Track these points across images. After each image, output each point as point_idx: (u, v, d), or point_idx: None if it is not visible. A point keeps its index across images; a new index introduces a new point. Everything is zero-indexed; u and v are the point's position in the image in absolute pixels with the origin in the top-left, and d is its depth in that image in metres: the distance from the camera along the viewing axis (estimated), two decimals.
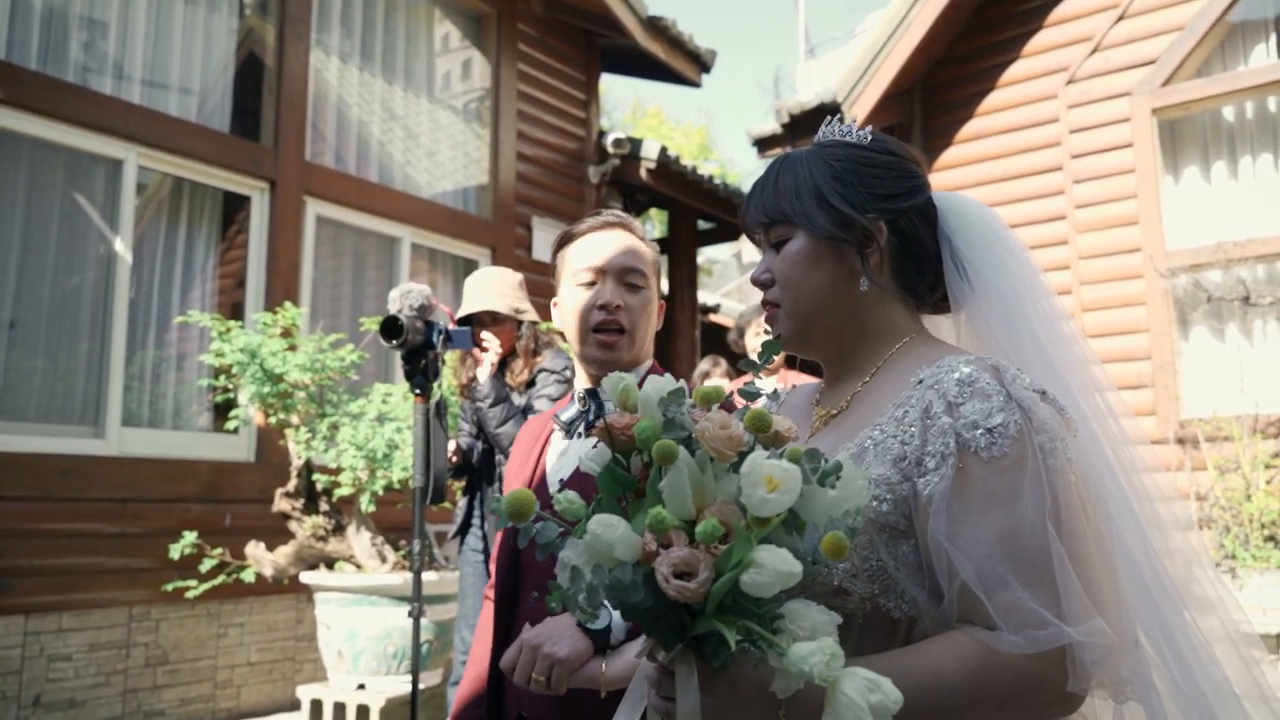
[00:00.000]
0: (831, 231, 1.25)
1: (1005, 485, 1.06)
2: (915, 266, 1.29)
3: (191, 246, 5.66)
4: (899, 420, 1.15)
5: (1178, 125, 6.27)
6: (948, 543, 1.06)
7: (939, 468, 1.09)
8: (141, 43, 5.45)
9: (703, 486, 1.04)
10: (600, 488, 1.08)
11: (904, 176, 1.29)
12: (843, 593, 1.11)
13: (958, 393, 1.11)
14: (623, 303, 1.79)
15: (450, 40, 7.46)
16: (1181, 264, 5.84)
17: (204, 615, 5.22)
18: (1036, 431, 1.08)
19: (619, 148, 7.88)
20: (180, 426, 5.52)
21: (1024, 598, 1.01)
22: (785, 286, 1.29)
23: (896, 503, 1.11)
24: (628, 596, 0.99)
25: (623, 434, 1.08)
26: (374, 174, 6.68)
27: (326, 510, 4.82)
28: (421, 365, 3.08)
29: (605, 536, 1.00)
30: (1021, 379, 1.12)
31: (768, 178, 1.33)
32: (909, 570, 1.12)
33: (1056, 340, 1.27)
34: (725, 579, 0.97)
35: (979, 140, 6.81)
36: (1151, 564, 1.19)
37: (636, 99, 29.21)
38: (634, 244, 1.85)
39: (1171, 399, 5.75)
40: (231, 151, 5.63)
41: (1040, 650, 0.99)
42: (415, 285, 3.21)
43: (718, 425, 1.03)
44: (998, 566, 1.03)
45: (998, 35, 6.81)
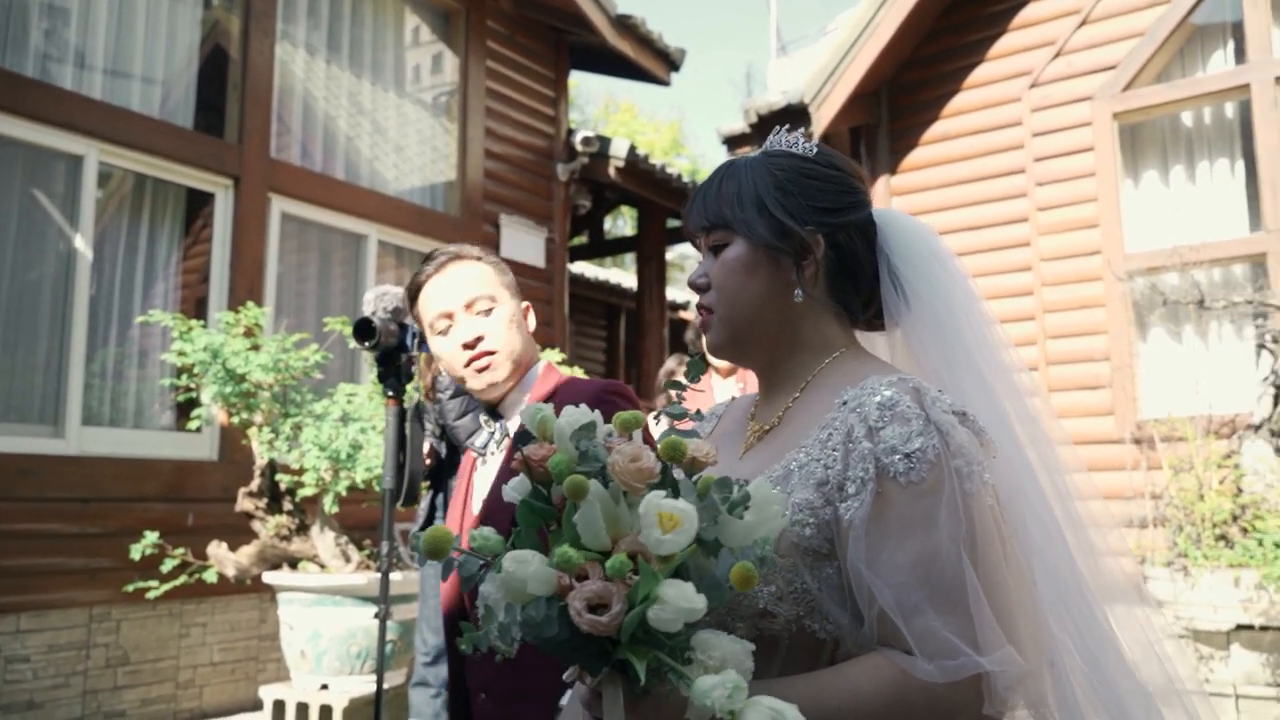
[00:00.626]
0: (769, 240, 1.26)
1: (922, 511, 1.07)
2: (851, 282, 1.30)
3: (154, 244, 5.60)
4: (823, 443, 1.16)
5: (1138, 130, 6.37)
6: (866, 569, 1.07)
7: (859, 493, 1.10)
8: (103, 36, 5.38)
9: (616, 517, 1.04)
10: (519, 520, 1.08)
11: (845, 191, 1.30)
12: (768, 615, 1.13)
13: (878, 416, 1.12)
14: (482, 332, 1.85)
15: (419, 36, 7.43)
16: (1140, 267, 5.94)
17: (166, 615, 5.18)
18: (954, 456, 1.09)
19: (588, 146, 7.88)
20: (142, 425, 5.48)
21: (938, 626, 1.02)
22: (721, 292, 1.30)
23: (820, 527, 1.12)
24: (542, 632, 1.00)
25: (539, 465, 1.08)
26: (340, 171, 6.64)
27: (290, 510, 4.80)
28: (395, 368, 3.08)
29: (519, 573, 1.00)
30: (941, 401, 1.14)
31: (711, 182, 1.34)
32: (832, 593, 1.13)
33: (993, 364, 1.29)
34: (633, 614, 0.97)
35: (945, 142, 6.88)
36: (1080, 587, 1.21)
37: (609, 94, 29.19)
38: (469, 271, 1.90)
39: (1129, 400, 5.85)
40: (195, 147, 5.58)
41: (952, 679, 1.01)
42: (391, 287, 3.21)
43: (627, 458, 1.03)
44: (913, 594, 1.04)
45: (963, 38, 6.88)
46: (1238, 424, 5.32)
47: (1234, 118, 6.12)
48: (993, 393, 1.26)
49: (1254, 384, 5.33)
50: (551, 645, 1.01)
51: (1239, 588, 4.56)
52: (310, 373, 4.65)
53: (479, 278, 1.89)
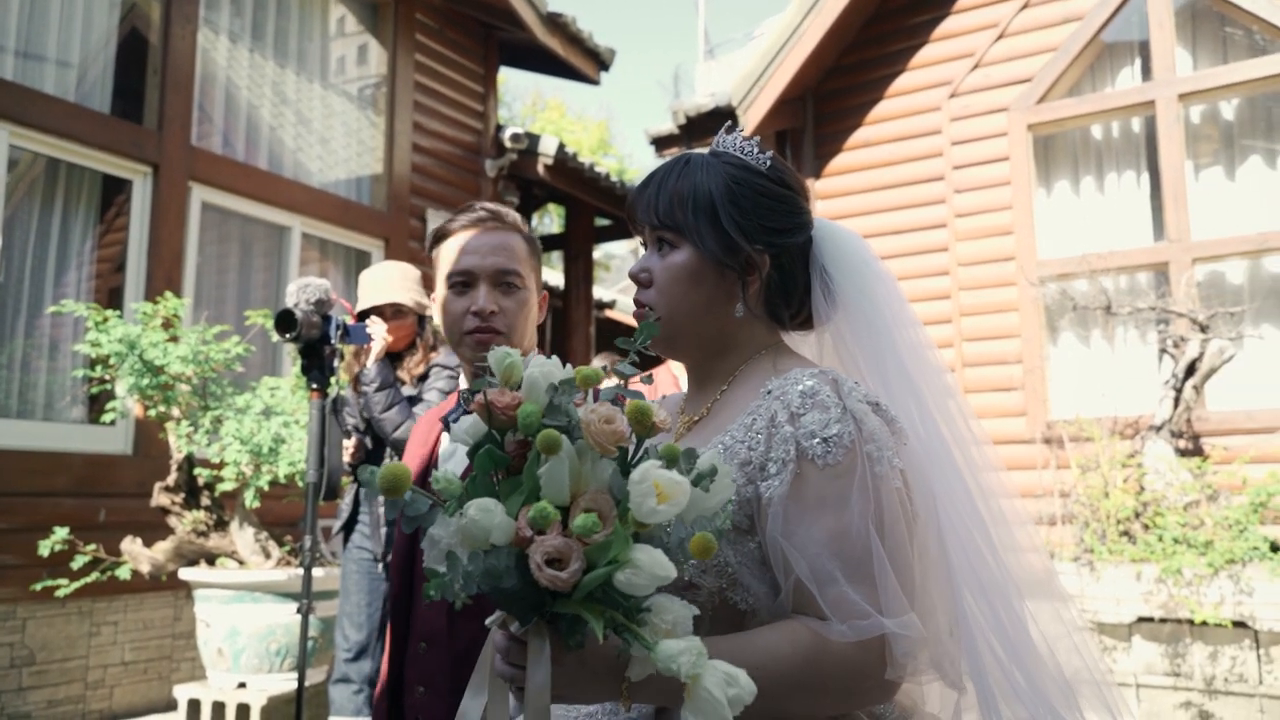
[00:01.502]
0: (719, 254, 1.31)
1: (836, 491, 1.16)
2: (784, 297, 1.37)
3: (67, 231, 5.43)
4: (748, 427, 1.23)
5: (1051, 141, 6.60)
6: (784, 541, 1.15)
7: (779, 473, 1.18)
8: (15, 16, 5.20)
9: (579, 473, 1.07)
10: (476, 466, 1.09)
11: (794, 213, 1.36)
12: (692, 587, 1.19)
13: (799, 404, 1.20)
14: (498, 307, 1.76)
15: (346, 27, 7.33)
16: (1051, 273, 6.16)
17: (75, 614, 5.03)
18: (866, 441, 1.18)
19: (517, 142, 7.87)
20: (52, 418, 5.30)
21: (849, 592, 1.11)
22: (663, 295, 1.34)
23: (741, 504, 1.20)
24: (500, 582, 1.02)
25: (503, 413, 1.08)
26: (264, 160, 6.51)
27: (208, 505, 4.70)
28: (318, 360, 3.05)
29: (483, 522, 1.01)
30: (857, 391, 1.22)
31: (665, 177, 1.36)
32: (752, 566, 1.20)
33: (920, 364, 1.36)
34: (599, 574, 1.00)
35: (867, 148, 7.03)
36: (997, 572, 1.28)
37: (537, 91, 29.08)
38: (509, 242, 1.81)
39: (1040, 401, 6.06)
40: (111, 133, 5.42)
41: (862, 638, 1.09)
42: (314, 279, 3.17)
43: (602, 419, 1.05)
44: (828, 564, 1.13)
45: (886, 48, 7.04)
46: (1141, 425, 5.55)
47: (1140, 132, 6.38)
48: (918, 390, 1.34)
49: (1156, 386, 5.57)
50: (498, 593, 1.02)
51: (1140, 581, 4.77)
52: (231, 365, 4.56)
53: (516, 252, 1.80)
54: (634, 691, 1.08)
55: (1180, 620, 4.73)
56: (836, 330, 1.39)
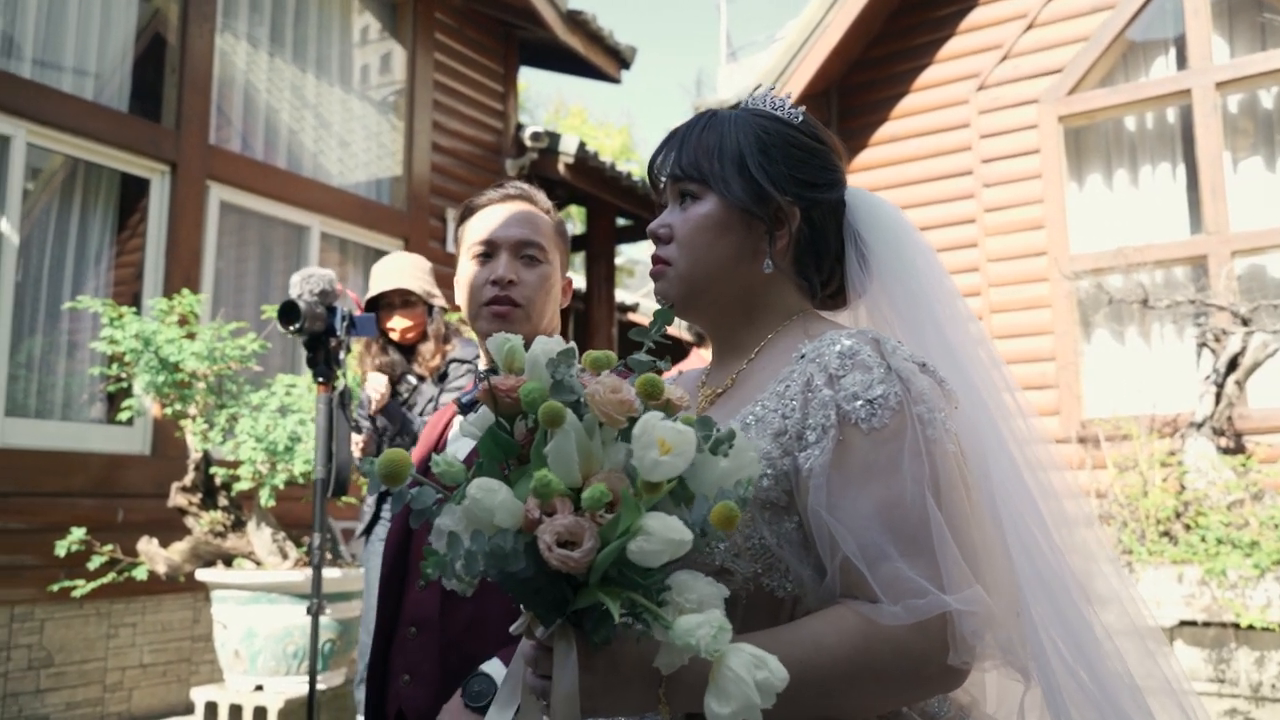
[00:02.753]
0: (746, 203, 1.22)
1: (885, 456, 1.05)
2: (815, 259, 1.28)
3: (86, 230, 5.40)
4: (780, 395, 1.13)
5: (1082, 133, 6.45)
6: (828, 515, 1.04)
7: (819, 440, 1.07)
8: (34, 15, 5.18)
9: (590, 453, 1.00)
10: (481, 452, 1.02)
11: (827, 167, 1.28)
12: (725, 573, 1.08)
13: (839, 365, 1.10)
14: (517, 277, 1.71)
15: (365, 28, 7.29)
16: (1084, 268, 6.01)
17: (93, 615, 4.98)
18: (915, 402, 1.07)
19: (537, 141, 7.80)
20: (70, 417, 5.27)
21: (904, 568, 1.00)
22: (685, 248, 1.25)
23: (778, 478, 1.09)
24: (507, 565, 0.94)
25: (507, 396, 1.03)
26: (282, 160, 6.47)
27: (225, 505, 4.64)
28: (324, 353, 2.97)
29: (485, 501, 0.94)
30: (901, 350, 1.12)
31: (690, 129, 1.29)
32: (792, 548, 1.09)
33: (962, 334, 1.27)
34: (611, 548, 0.92)
35: (893, 143, 6.91)
36: (1054, 558, 1.18)
37: (560, 98, 29.14)
38: (533, 215, 1.77)
39: (1074, 399, 5.91)
40: (130, 132, 5.39)
41: (919, 619, 0.98)
42: (318, 270, 3.11)
43: (608, 389, 0.98)
44: (878, 538, 1.02)
45: (911, 40, 6.92)
46: (1180, 422, 5.39)
47: (1175, 123, 6.22)
48: (962, 365, 1.23)
49: (1196, 383, 5.41)
50: (514, 583, 0.95)
51: (1182, 584, 4.61)
52: (247, 362, 4.50)
53: (540, 227, 1.76)
54: (672, 696, 0.98)
55: (1225, 624, 4.56)
56: (873, 302, 1.29)
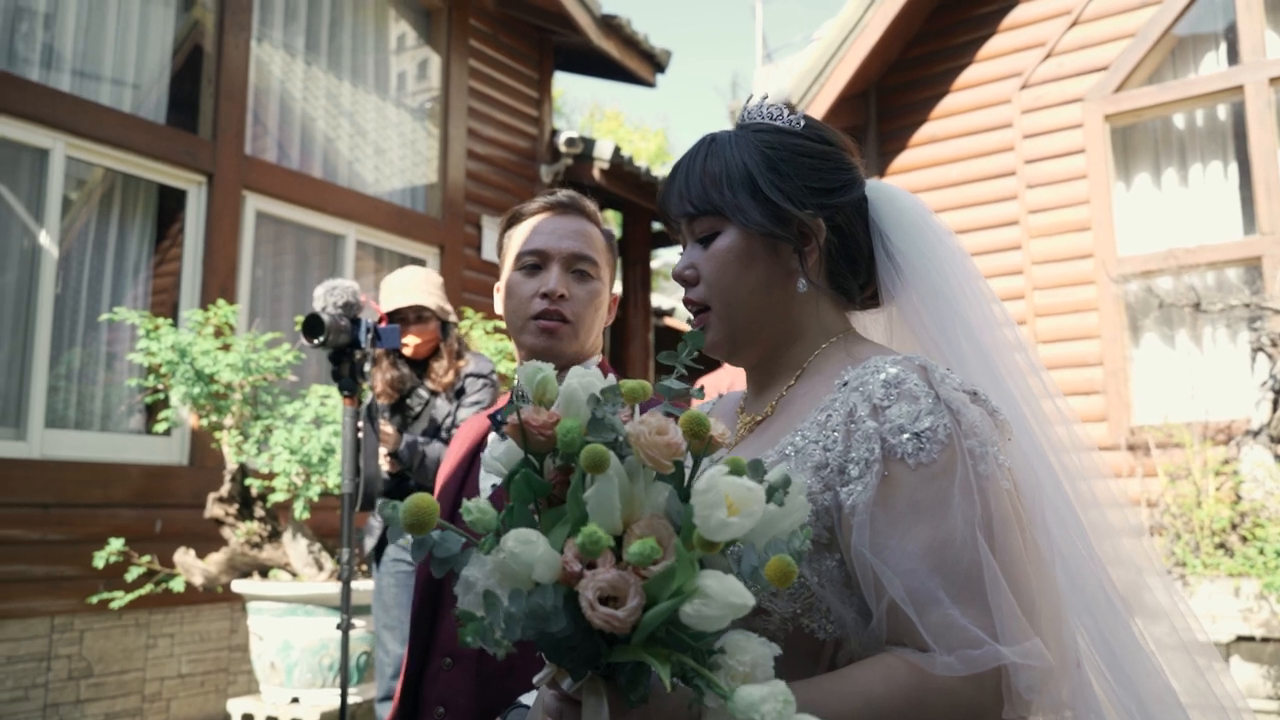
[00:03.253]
0: (768, 228, 1.15)
1: (933, 494, 0.98)
2: (849, 265, 1.22)
3: (124, 241, 5.42)
4: (822, 425, 1.07)
5: (1129, 132, 6.28)
6: (873, 556, 0.98)
7: (863, 475, 1.01)
8: (72, 29, 5.21)
9: (631, 497, 0.92)
10: (511, 494, 0.95)
11: (842, 168, 1.21)
12: (762, 613, 1.01)
13: (883, 395, 1.03)
14: (568, 292, 1.64)
15: (400, 35, 7.29)
16: (1133, 270, 5.85)
17: (132, 625, 4.99)
18: (966, 435, 1.00)
19: (572, 147, 7.75)
20: (109, 429, 5.29)
21: (956, 615, 0.93)
22: (715, 288, 1.19)
23: (819, 514, 1.03)
24: (548, 626, 0.87)
25: (540, 433, 0.95)
26: (318, 169, 6.48)
27: (262, 516, 4.63)
28: (349, 365, 2.93)
29: (524, 556, 0.87)
30: (951, 379, 1.05)
31: (692, 161, 1.22)
32: (834, 587, 1.02)
33: (989, 330, 1.20)
34: (662, 608, 0.84)
35: (934, 144, 6.78)
36: (1096, 572, 1.11)
37: (595, 102, 29.15)
38: (586, 229, 1.70)
39: (1123, 405, 5.75)
40: (167, 143, 5.41)
41: (975, 671, 0.91)
42: (342, 281, 3.07)
43: (654, 430, 0.90)
44: (927, 582, 0.95)
45: (952, 39, 6.79)
46: (1234, 430, 5.22)
47: (1227, 120, 6.04)
48: (995, 368, 1.16)
49: (1251, 389, 5.23)
50: (548, 641, 0.88)
51: (1239, 597, 4.46)
52: (281, 373, 4.48)
53: (593, 240, 1.70)
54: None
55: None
56: (906, 301, 1.22)
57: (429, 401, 3.65)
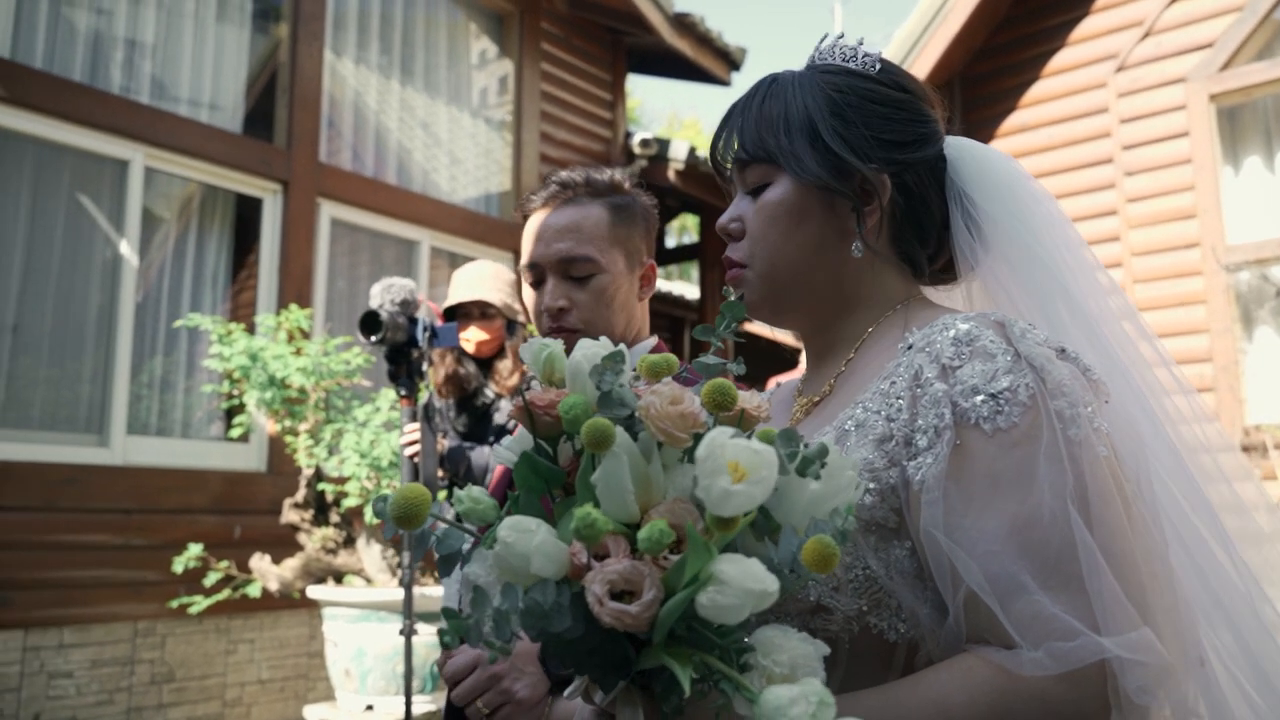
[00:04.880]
0: (825, 180, 1.01)
1: (1016, 463, 0.84)
2: (917, 231, 1.07)
3: (202, 250, 5.50)
4: (884, 394, 0.92)
5: (1237, 112, 5.90)
6: (946, 539, 0.83)
7: (932, 446, 0.86)
8: (151, 40, 5.31)
9: (648, 479, 0.79)
10: (517, 482, 0.84)
11: (917, 120, 1.06)
12: (823, 611, 0.88)
13: (953, 354, 0.88)
14: (568, 301, 1.56)
15: (471, 40, 7.28)
16: (1245, 259, 5.48)
17: (212, 631, 5.03)
18: (1053, 395, 0.85)
19: (646, 148, 7.64)
20: (189, 435, 5.36)
21: (1046, 603, 0.79)
22: (760, 243, 1.05)
23: (883, 493, 0.88)
24: (549, 625, 0.74)
25: (545, 414, 0.84)
26: (392, 176, 6.50)
27: (337, 522, 4.61)
28: (406, 365, 2.85)
29: (519, 546, 0.75)
30: (1034, 334, 0.90)
31: (749, 102, 1.08)
32: (905, 580, 0.88)
33: (1095, 298, 1.04)
34: (676, 600, 0.72)
35: (1024, 133, 6.48)
36: (1225, 555, 0.94)
37: (673, 110, 29.10)
38: (578, 219, 1.58)
39: (1236, 403, 5.37)
40: (243, 152, 5.47)
41: (1070, 668, 0.76)
42: (398, 280, 3.00)
43: (667, 400, 0.78)
44: (1010, 565, 0.80)
45: (1041, 23, 6.49)
46: None
47: None
48: (1102, 338, 1.00)
49: None
50: (559, 645, 0.77)
51: None
52: (352, 377, 4.46)
53: (585, 230, 1.57)
54: None
55: None
56: (989, 273, 1.06)
57: (494, 403, 3.53)
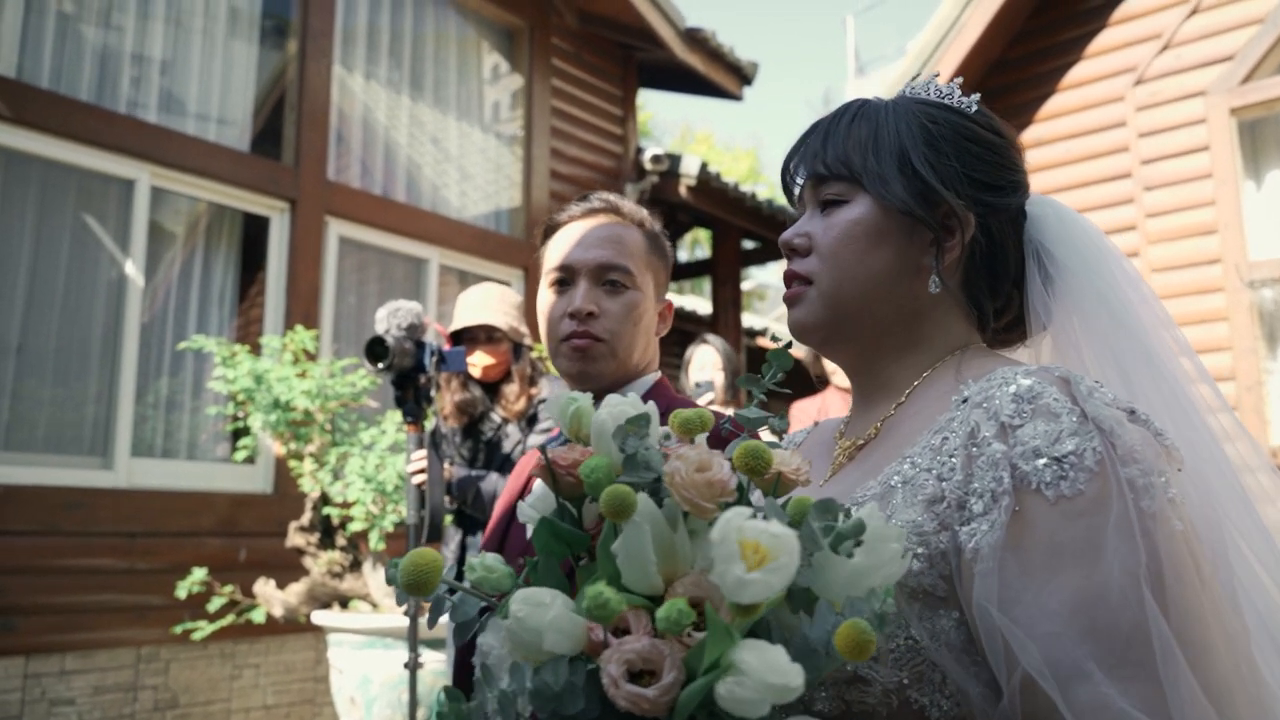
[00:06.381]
0: (910, 205, 0.96)
1: (1081, 534, 0.76)
2: (990, 280, 1.02)
3: (209, 270, 5.45)
4: (935, 449, 0.85)
5: (1259, 125, 5.80)
6: (1001, 615, 0.76)
7: (988, 512, 0.79)
8: (158, 58, 5.28)
9: (673, 548, 0.72)
10: (537, 547, 0.77)
11: (1008, 166, 1.02)
12: (860, 682, 0.81)
13: (1014, 411, 0.81)
14: (597, 308, 1.49)
15: (481, 56, 7.24)
16: (1268, 275, 5.37)
17: (217, 656, 4.95)
18: (1124, 461, 0.78)
19: (657, 164, 7.58)
20: (195, 457, 5.29)
21: (1112, 695, 0.71)
22: (829, 261, 0.98)
23: (932, 559, 0.81)
24: (561, 707, 0.68)
25: (568, 474, 0.78)
26: (401, 193, 6.44)
27: (343, 546, 4.53)
28: (413, 391, 2.77)
29: (532, 621, 0.68)
30: (1102, 393, 0.83)
31: (836, 121, 1.03)
32: (953, 653, 0.80)
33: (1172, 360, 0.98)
34: (694, 689, 0.64)
35: (1040, 147, 6.40)
36: None
37: (685, 124, 29.12)
38: (618, 232, 1.54)
39: (1261, 423, 5.26)
40: (249, 170, 5.42)
41: None
42: (405, 303, 2.92)
43: (693, 466, 0.70)
44: (1073, 649, 0.73)
45: (1058, 36, 6.41)
46: None
47: None
48: (1182, 403, 0.93)
49: None
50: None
51: None
52: (357, 399, 4.38)
53: (628, 246, 1.54)
54: None
55: None
56: (1060, 332, 1.00)
57: (500, 428, 3.45)
